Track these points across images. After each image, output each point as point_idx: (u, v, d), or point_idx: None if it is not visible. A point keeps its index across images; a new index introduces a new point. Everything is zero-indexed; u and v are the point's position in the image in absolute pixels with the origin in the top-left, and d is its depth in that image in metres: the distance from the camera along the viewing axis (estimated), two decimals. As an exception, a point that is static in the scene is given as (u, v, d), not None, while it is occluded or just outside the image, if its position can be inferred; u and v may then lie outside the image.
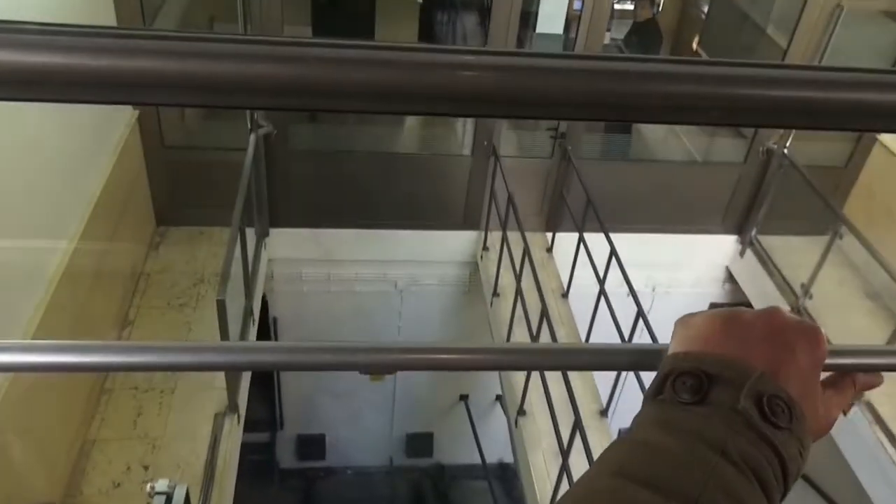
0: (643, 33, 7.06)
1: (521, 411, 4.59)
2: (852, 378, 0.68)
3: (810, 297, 5.23)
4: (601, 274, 4.96)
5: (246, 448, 4.88)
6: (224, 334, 3.91)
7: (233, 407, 4.35)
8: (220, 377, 4.30)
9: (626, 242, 4.94)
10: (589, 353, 0.86)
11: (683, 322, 0.62)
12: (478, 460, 8.10)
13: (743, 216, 6.12)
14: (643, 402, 0.58)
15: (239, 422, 4.42)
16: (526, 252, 4.63)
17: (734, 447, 0.51)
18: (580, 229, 5.29)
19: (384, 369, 0.81)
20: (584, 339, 5.20)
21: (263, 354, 0.86)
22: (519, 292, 4.85)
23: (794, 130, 5.54)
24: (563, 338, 4.54)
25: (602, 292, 4.92)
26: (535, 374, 4.40)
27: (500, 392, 7.53)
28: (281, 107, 0.46)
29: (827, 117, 0.50)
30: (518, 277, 4.84)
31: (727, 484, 0.49)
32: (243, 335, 4.87)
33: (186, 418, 4.32)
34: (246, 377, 4.66)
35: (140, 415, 4.34)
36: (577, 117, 0.49)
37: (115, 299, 4.79)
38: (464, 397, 7.88)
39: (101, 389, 4.43)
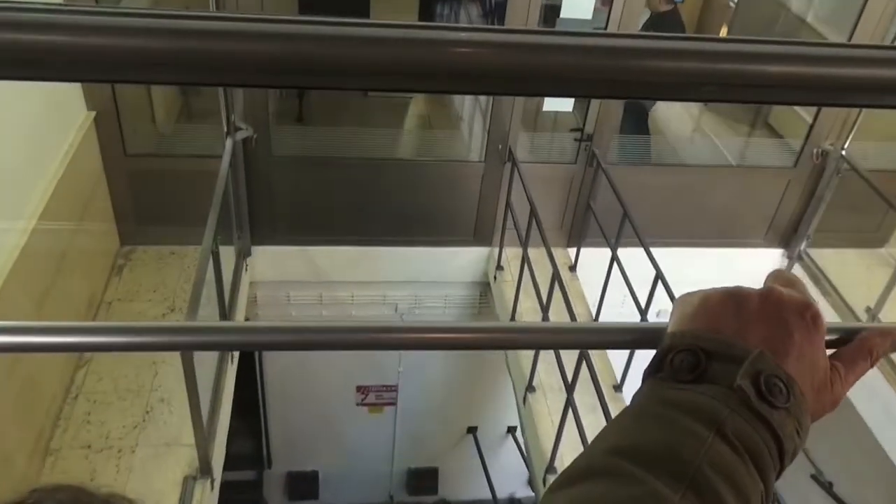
0: (662, 25, 6.37)
1: (551, 468, 3.85)
2: (867, 348, 0.62)
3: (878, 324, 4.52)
4: (642, 299, 4.25)
5: (230, 487, 4.23)
6: (190, 381, 3.18)
7: (205, 469, 3.60)
8: (189, 432, 3.53)
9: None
10: (593, 332, 0.85)
11: (682, 300, 0.60)
12: (487, 496, 7.42)
13: (790, 227, 5.41)
14: (642, 380, 0.57)
15: (213, 487, 3.66)
16: (556, 275, 3.90)
17: (730, 426, 0.50)
18: (613, 245, 4.57)
19: (382, 346, 0.78)
20: (619, 378, 4.48)
21: (254, 335, 0.81)
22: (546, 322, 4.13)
23: (852, 131, 4.85)
24: (601, 375, 3.81)
25: (643, 322, 4.21)
26: (570, 427, 3.66)
27: (511, 423, 6.83)
28: (276, 84, 0.45)
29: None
30: (545, 307, 4.11)
31: (721, 462, 0.48)
32: (219, 373, 4.15)
33: (149, 484, 3.58)
34: (222, 431, 3.91)
35: (93, 480, 3.58)
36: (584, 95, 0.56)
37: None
38: (472, 429, 7.15)
39: (47, 450, 3.67)
